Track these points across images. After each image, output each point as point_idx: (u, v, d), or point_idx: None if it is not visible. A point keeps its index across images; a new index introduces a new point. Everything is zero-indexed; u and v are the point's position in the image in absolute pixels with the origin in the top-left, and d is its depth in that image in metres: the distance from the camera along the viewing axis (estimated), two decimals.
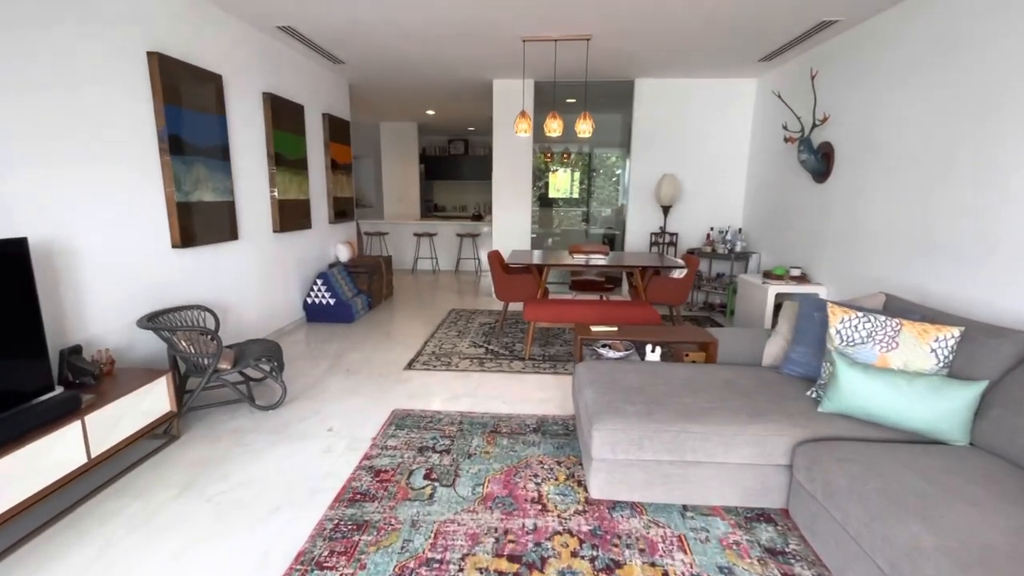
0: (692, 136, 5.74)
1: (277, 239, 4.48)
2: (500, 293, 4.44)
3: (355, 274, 5.50)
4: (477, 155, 11.25)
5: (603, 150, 9.71)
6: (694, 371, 2.48)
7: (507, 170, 6.06)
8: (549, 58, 4.89)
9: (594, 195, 9.37)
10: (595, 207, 9.87)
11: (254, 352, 3.12)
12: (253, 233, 4.10)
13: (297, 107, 4.68)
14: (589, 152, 9.80)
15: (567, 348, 4.25)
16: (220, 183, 3.58)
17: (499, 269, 4.40)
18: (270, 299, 4.41)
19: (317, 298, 4.94)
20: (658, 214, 5.94)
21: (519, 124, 4.30)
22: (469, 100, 7.06)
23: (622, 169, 9.63)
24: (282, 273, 4.59)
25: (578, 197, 9.94)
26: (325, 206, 5.45)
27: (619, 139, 8.69)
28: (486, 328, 4.87)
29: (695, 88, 5.65)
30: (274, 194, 4.35)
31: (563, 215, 10.01)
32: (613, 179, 9.79)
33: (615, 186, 9.65)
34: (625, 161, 7.42)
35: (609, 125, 8.36)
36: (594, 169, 9.16)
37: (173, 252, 3.22)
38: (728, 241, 5.47)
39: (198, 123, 3.33)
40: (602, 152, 9.75)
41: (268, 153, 4.28)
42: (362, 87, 6.31)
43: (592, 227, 9.00)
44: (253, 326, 4.15)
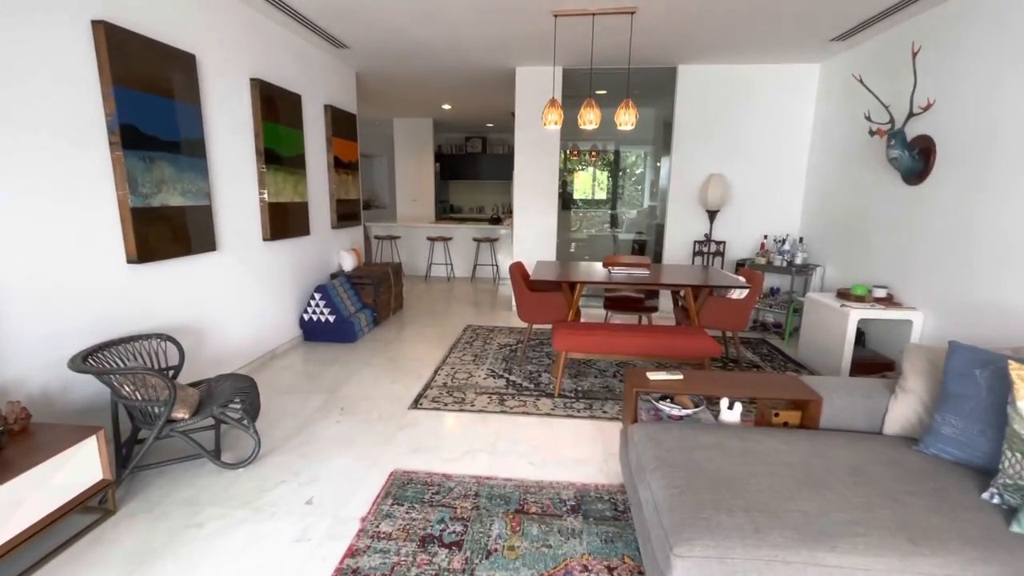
0: (743, 131, 5.02)
1: (268, 249, 3.89)
2: (524, 313, 3.79)
3: (359, 285, 4.91)
4: (496, 153, 10.63)
5: (631, 148, 9.00)
6: (799, 445, 1.80)
7: (531, 169, 5.40)
8: (582, 40, 4.23)
9: (622, 197, 8.68)
10: (621, 209, 9.17)
11: (223, 393, 2.52)
12: (237, 242, 3.51)
13: (293, 97, 4.09)
14: (616, 150, 9.11)
15: (603, 380, 3.58)
16: (193, 184, 2.99)
17: (523, 286, 3.75)
18: (259, 318, 3.82)
19: (315, 314, 4.35)
20: (702, 219, 5.23)
21: (548, 115, 3.64)
22: (489, 92, 6.42)
23: (645, 169, 8.93)
24: (274, 287, 4.01)
25: (605, 199, 9.24)
26: (327, 209, 4.86)
27: (650, 136, 7.96)
28: (506, 351, 4.22)
29: (747, 75, 4.92)
30: (264, 197, 3.77)
31: (586, 218, 9.32)
32: (634, 179, 9.07)
33: (643, 187, 8.93)
34: (660, 160, 6.71)
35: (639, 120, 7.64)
36: (621, 168, 8.46)
37: (128, 269, 2.64)
38: (786, 252, 4.73)
39: (162, 111, 2.75)
40: (632, 150, 9.04)
41: (257, 149, 3.69)
42: (371, 77, 5.71)
43: (620, 231, 8.29)
44: (237, 351, 3.57)
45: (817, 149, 4.83)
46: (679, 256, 5.35)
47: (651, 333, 3.22)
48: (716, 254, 5.17)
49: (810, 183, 4.93)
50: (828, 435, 1.91)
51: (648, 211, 8.44)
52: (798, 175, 5.02)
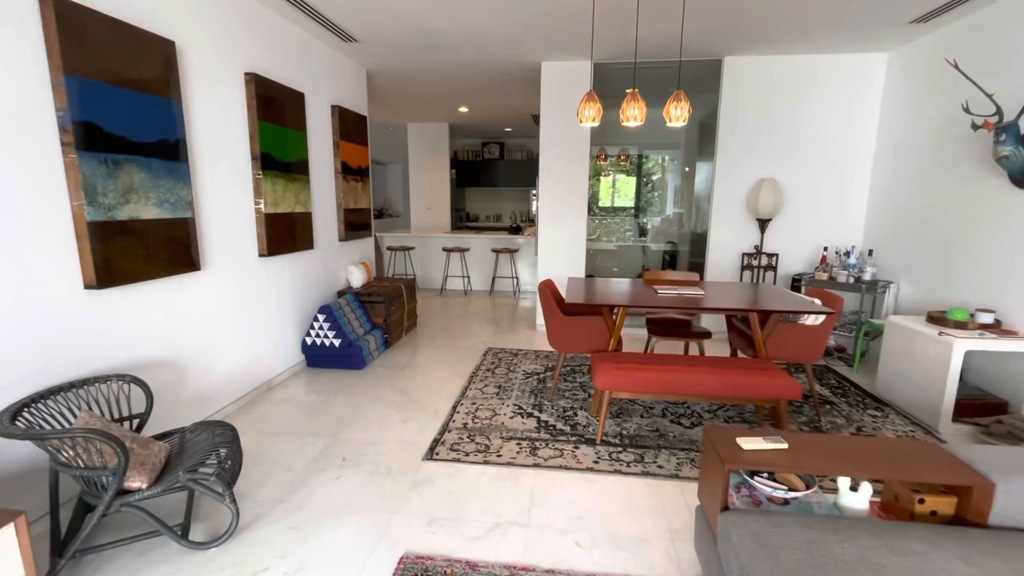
0: (798, 129, 4.45)
1: (265, 266, 3.44)
2: (557, 341, 3.27)
3: (369, 304, 4.43)
4: (514, 159, 10.17)
5: (657, 152, 8.46)
6: (989, 566, 1.24)
7: (557, 174, 4.89)
8: (618, 29, 3.73)
9: (651, 204, 8.13)
10: (648, 218, 8.61)
11: (198, 449, 2.05)
12: (227, 259, 3.06)
13: (295, 95, 3.65)
14: (640, 154, 8.57)
15: (651, 420, 3.03)
16: (171, 193, 2.54)
17: (555, 308, 3.23)
18: (254, 345, 3.36)
19: (319, 338, 3.88)
20: (751, 229, 4.66)
21: (585, 109, 3.13)
22: (509, 92, 5.95)
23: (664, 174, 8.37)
24: (272, 309, 3.55)
25: (629, 206, 8.70)
26: (334, 220, 4.41)
27: (678, 138, 7.41)
28: (534, 381, 3.70)
29: (803, 67, 4.36)
30: (260, 207, 3.31)
31: (610, 227, 8.78)
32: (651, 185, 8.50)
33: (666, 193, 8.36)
34: (690, 164, 6.16)
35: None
36: (647, 174, 7.92)
37: (86, 296, 2.18)
38: (852, 266, 4.14)
39: (132, 107, 2.30)
40: (657, 154, 8.50)
41: (252, 153, 3.24)
42: (383, 76, 5.28)
43: (647, 241, 7.72)
44: (227, 385, 3.10)
45: (885, 148, 4.24)
46: (725, 270, 4.78)
47: (714, 369, 2.67)
48: (768, 268, 4.59)
49: (877, 187, 4.34)
50: (1012, 537, 1.35)
51: (675, 219, 7.88)
52: (862, 178, 4.43)
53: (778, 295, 3.19)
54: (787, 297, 3.11)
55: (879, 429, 2.96)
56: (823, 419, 3.10)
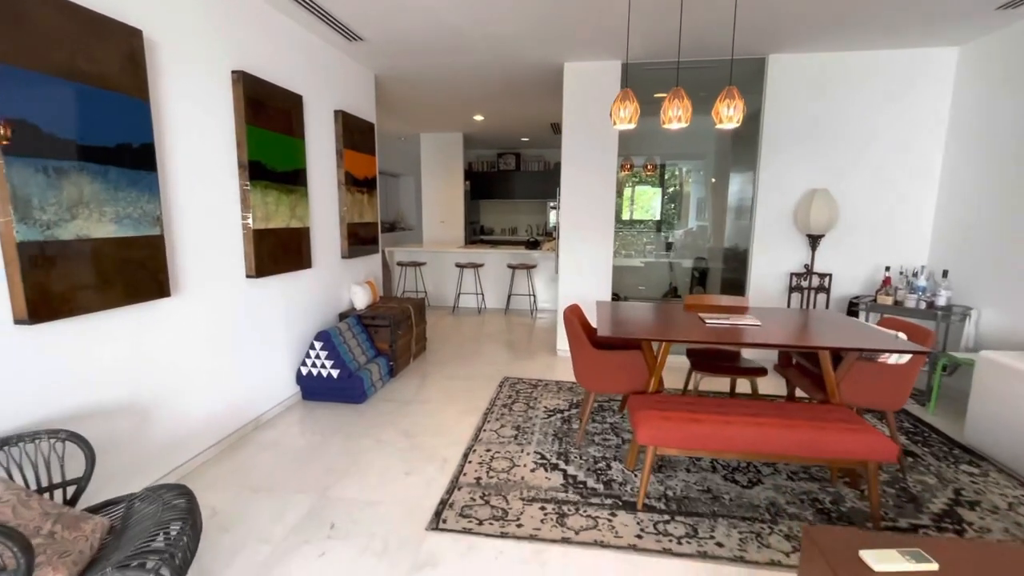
0: (854, 135, 3.96)
1: (253, 288, 3.04)
2: (586, 378, 2.80)
3: (373, 328, 4.01)
4: (531, 170, 9.78)
5: (680, 162, 7.99)
6: None
7: (581, 185, 4.45)
8: (651, 24, 3.31)
9: (678, 216, 7.63)
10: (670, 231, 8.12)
11: (143, 526, 1.62)
12: (206, 282, 2.66)
13: (292, 98, 3.28)
14: (663, 164, 8.11)
15: (699, 477, 2.54)
16: (133, 206, 2.15)
17: (583, 340, 2.77)
18: (238, 378, 2.95)
19: (315, 368, 3.46)
20: (799, 246, 4.15)
21: (619, 110, 2.70)
22: (528, 97, 5.55)
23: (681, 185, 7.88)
24: (261, 337, 3.14)
25: (654, 219, 8.21)
26: (336, 236, 4.02)
27: (704, 147, 6.94)
28: (557, 421, 3.22)
29: (858, 65, 3.88)
30: (248, 222, 2.92)
31: (631, 241, 8.29)
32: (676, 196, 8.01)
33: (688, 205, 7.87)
34: (716, 175, 5.68)
35: (693, 129, 6.64)
36: (675, 184, 7.44)
37: (17, 332, 1.78)
38: (921, 289, 3.61)
39: (82, 105, 1.92)
40: (679, 164, 8.02)
41: (239, 161, 2.86)
42: (394, 82, 4.92)
43: (677, 257, 7.23)
44: (205, 426, 2.68)
45: (956, 155, 3.73)
46: (769, 292, 4.27)
47: (784, 420, 2.17)
48: (819, 290, 4.07)
49: (947, 199, 3.82)
50: None
51: (699, 232, 7.38)
52: (927, 189, 3.91)
53: (853, 328, 2.69)
54: (866, 331, 2.61)
55: (982, 493, 2.43)
56: (909, 477, 2.57)
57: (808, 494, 2.41)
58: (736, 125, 2.58)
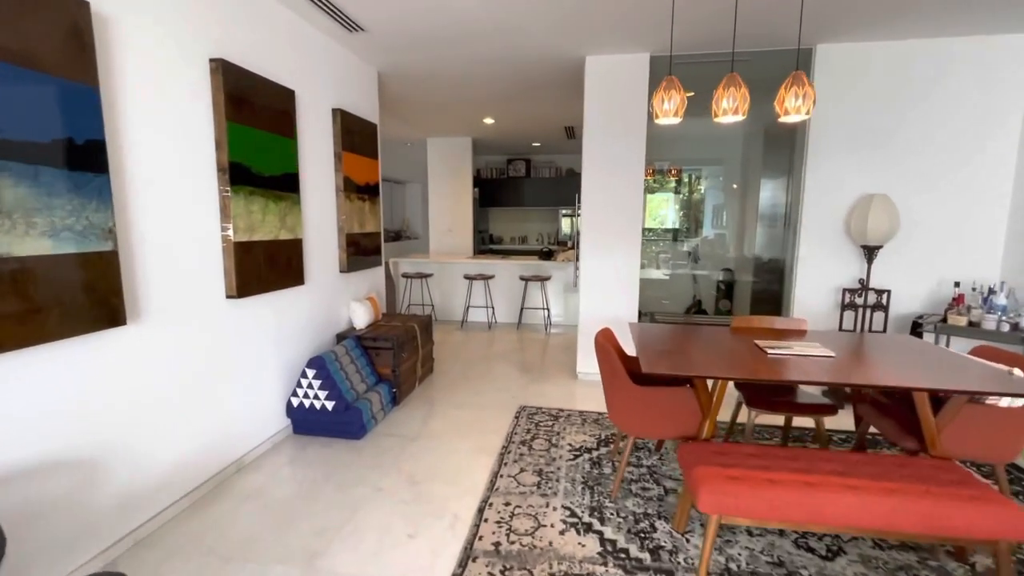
0: (915, 133, 3.52)
1: (234, 310, 2.63)
2: (625, 419, 2.36)
3: (374, 350, 3.59)
4: (542, 177, 9.38)
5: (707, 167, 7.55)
6: None
7: (604, 191, 4.02)
8: (683, 11, 2.89)
9: (695, 225, 7.18)
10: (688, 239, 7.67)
11: None
12: (176, 306, 2.26)
13: (282, 93, 2.89)
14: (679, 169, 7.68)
15: (767, 540, 2.08)
16: (76, 217, 1.75)
17: (620, 372, 2.33)
18: (216, 415, 2.53)
19: (307, 399, 3.05)
20: (851, 258, 3.70)
21: (661, 102, 2.28)
22: (543, 97, 5.16)
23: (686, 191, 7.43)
24: (244, 366, 2.73)
25: (671, 228, 7.77)
26: (333, 248, 3.61)
27: (727, 152, 6.50)
28: (587, 463, 2.78)
29: (922, 55, 3.45)
30: (228, 233, 2.52)
31: (651, 251, 7.85)
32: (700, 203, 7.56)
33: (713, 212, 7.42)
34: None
35: (714, 132, 6.22)
36: (697, 190, 7.00)
37: None
38: (1001, 308, 3.15)
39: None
40: (707, 169, 7.59)
41: (218, 164, 2.47)
42: (399, 81, 4.54)
43: (699, 268, 6.77)
44: (175, 473, 2.27)
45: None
46: (816, 309, 3.81)
47: (885, 484, 1.72)
48: (876, 307, 3.61)
49: (1020, 203, 3.36)
50: None
51: (716, 241, 6.92)
52: (1002, 195, 3.46)
53: (951, 361, 2.23)
54: (968, 366, 2.15)
55: None
56: None
57: (906, 569, 1.95)
58: (806, 117, 2.15)
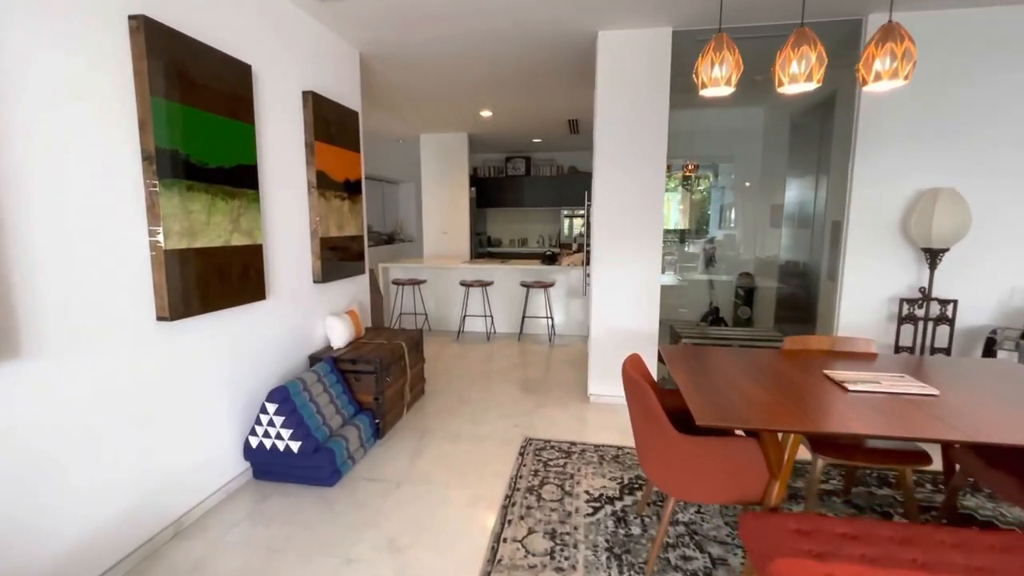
0: (986, 119, 3.01)
1: (169, 335, 2.10)
2: (666, 476, 1.83)
3: (353, 374, 3.07)
4: (542, 175, 8.88)
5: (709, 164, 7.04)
6: None
7: (619, 188, 3.51)
8: None
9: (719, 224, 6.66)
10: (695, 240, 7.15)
11: None
12: (81, 336, 1.73)
13: (234, 66, 2.36)
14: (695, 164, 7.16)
15: None
16: None
17: (657, 416, 1.80)
18: (144, 469, 2.00)
19: (268, 439, 2.51)
20: (908, 263, 3.19)
21: (709, 67, 1.77)
22: (548, 82, 4.64)
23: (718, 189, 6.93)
24: (186, 402, 2.20)
25: (689, 228, 7.25)
26: (305, 254, 3.08)
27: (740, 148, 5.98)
28: (609, 518, 2.25)
29: (994, 25, 2.95)
30: (157, 239, 2.00)
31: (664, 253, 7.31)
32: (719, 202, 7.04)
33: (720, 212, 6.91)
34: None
35: (730, 126, 5.72)
36: (714, 189, 6.49)
37: None
38: None
39: None
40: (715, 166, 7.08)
41: (142, 149, 1.94)
42: (384, 64, 4.01)
43: (718, 273, 6.25)
44: (86, 548, 1.73)
45: None
46: (865, 322, 3.30)
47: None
48: (939, 320, 3.10)
49: None
50: None
51: (726, 243, 6.41)
52: None
53: None
54: None
55: None
56: None
57: None
58: (900, 84, 1.63)
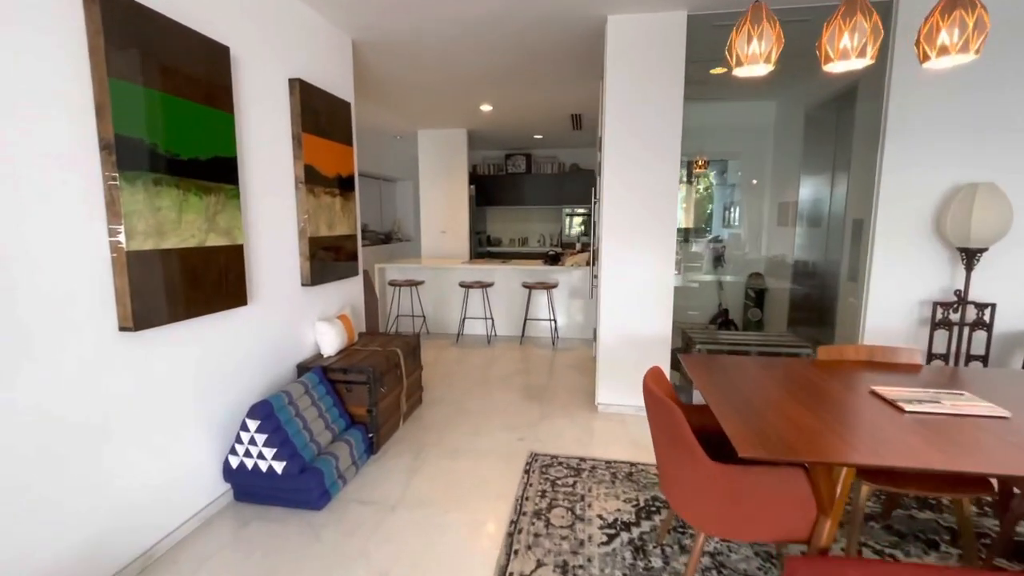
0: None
1: (134, 347, 1.87)
2: (695, 509, 1.61)
3: (345, 384, 2.84)
4: (543, 173, 8.66)
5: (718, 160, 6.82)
6: None
7: (629, 182, 3.28)
8: None
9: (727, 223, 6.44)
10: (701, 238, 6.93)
11: None
12: (32, 349, 1.50)
13: (209, 47, 2.13)
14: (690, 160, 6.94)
15: None
16: None
17: (687, 442, 1.58)
18: (104, 497, 1.78)
19: (249, 458, 2.29)
20: (940, 264, 2.97)
21: (745, 43, 1.53)
22: (551, 74, 4.42)
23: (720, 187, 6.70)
24: (153, 420, 1.97)
25: (695, 227, 7.02)
26: (292, 255, 2.85)
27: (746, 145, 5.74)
28: (626, 548, 2.03)
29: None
30: (119, 240, 1.77)
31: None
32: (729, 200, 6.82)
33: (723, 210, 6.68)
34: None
35: (737, 123, 5.51)
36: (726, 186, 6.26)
37: None
38: None
39: None
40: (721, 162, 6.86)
41: (100, 138, 1.71)
42: (379, 54, 3.78)
43: (727, 273, 6.03)
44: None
45: None
46: (894, 327, 3.08)
47: None
48: (975, 326, 2.88)
49: None
50: None
51: (732, 242, 6.19)
52: None
53: None
54: None
55: None
56: None
57: None
58: (969, 60, 1.41)
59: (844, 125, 4.04)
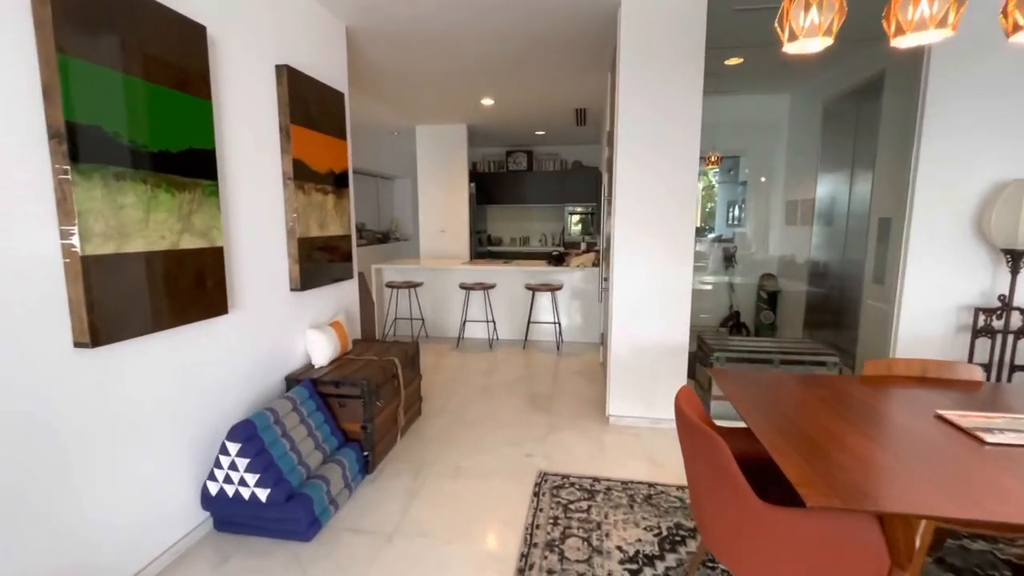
0: None
1: (91, 364, 1.64)
2: (734, 552, 1.39)
3: (336, 399, 2.61)
4: (545, 171, 8.43)
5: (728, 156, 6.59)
6: None
7: (644, 179, 3.05)
8: None
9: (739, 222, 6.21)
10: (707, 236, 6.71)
11: None
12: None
13: (182, 25, 1.90)
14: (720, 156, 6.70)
15: None
16: None
17: (733, 478, 1.36)
18: (59, 535, 1.55)
19: (230, 484, 2.06)
20: (981, 267, 2.76)
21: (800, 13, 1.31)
22: (557, 64, 4.19)
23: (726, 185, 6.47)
24: (117, 446, 1.74)
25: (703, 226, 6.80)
26: (281, 258, 2.62)
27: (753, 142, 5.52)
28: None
29: None
30: (72, 243, 1.53)
31: None
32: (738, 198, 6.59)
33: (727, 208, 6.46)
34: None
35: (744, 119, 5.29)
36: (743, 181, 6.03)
37: None
38: None
39: None
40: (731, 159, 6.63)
41: (48, 126, 1.48)
42: (374, 41, 3.55)
43: (738, 274, 5.80)
44: None
45: None
46: (929, 334, 2.86)
47: None
48: (1020, 333, 2.67)
49: None
50: None
51: (737, 241, 5.97)
52: None
53: None
54: None
55: None
56: None
57: None
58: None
59: (866, 119, 3.82)
